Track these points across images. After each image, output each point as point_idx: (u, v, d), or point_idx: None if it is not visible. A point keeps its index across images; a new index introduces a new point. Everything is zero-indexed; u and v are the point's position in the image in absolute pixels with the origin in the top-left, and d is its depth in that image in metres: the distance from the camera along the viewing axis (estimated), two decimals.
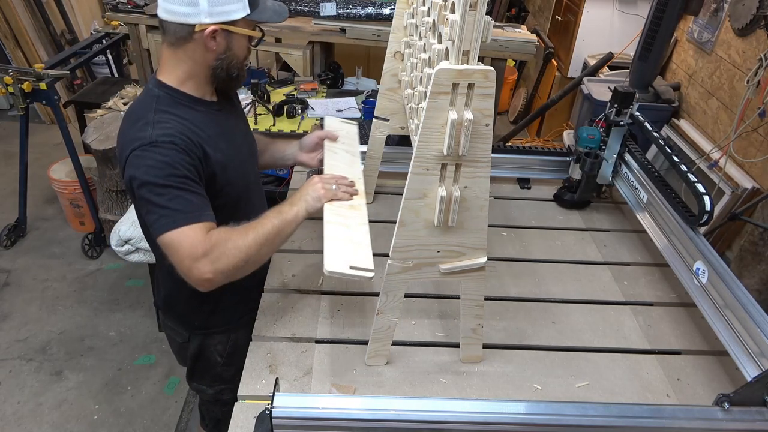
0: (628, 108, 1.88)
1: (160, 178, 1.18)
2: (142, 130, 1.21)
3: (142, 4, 3.40)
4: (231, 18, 1.23)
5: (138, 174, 1.19)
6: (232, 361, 1.60)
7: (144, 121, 1.23)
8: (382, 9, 3.26)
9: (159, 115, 1.24)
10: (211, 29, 1.22)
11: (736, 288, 1.32)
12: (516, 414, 1.08)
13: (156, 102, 1.27)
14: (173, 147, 1.20)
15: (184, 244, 1.18)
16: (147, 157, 1.19)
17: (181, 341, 1.60)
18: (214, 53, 1.27)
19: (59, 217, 3.68)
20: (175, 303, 1.55)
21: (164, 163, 1.19)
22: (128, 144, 1.22)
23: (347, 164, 1.56)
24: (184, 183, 1.20)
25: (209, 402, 1.77)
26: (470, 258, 1.21)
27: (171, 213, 1.18)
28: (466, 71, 0.97)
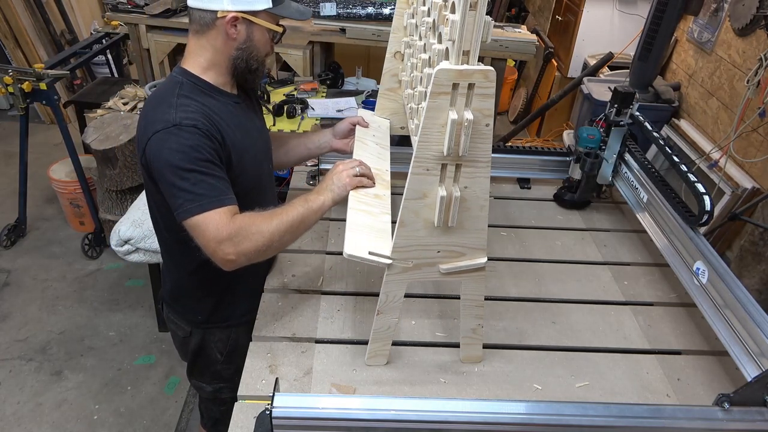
0: (628, 108, 1.88)
1: (184, 161, 1.20)
2: (165, 112, 1.24)
3: (142, 4, 3.40)
4: (253, 8, 1.26)
5: (162, 156, 1.21)
6: (231, 359, 1.61)
7: (167, 104, 1.26)
8: (382, 9, 3.26)
9: (181, 100, 1.27)
10: (231, 16, 1.25)
11: (736, 288, 1.32)
12: (516, 414, 1.08)
13: (179, 87, 1.29)
14: (196, 131, 1.22)
15: (210, 227, 1.21)
16: (170, 140, 1.21)
17: (183, 336, 1.61)
18: (235, 42, 1.29)
19: (59, 217, 3.69)
20: (180, 295, 1.57)
21: (188, 147, 1.21)
22: (150, 125, 1.24)
23: (377, 156, 1.57)
24: (207, 167, 1.23)
25: (208, 400, 1.78)
26: (470, 258, 1.21)
27: (196, 197, 1.21)
28: (467, 71, 0.97)
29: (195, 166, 1.21)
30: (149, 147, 1.23)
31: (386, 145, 1.65)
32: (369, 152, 1.57)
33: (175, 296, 1.59)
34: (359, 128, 1.67)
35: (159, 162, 1.22)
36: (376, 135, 1.67)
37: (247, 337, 1.45)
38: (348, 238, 1.23)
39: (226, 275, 1.33)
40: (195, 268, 1.45)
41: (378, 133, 1.69)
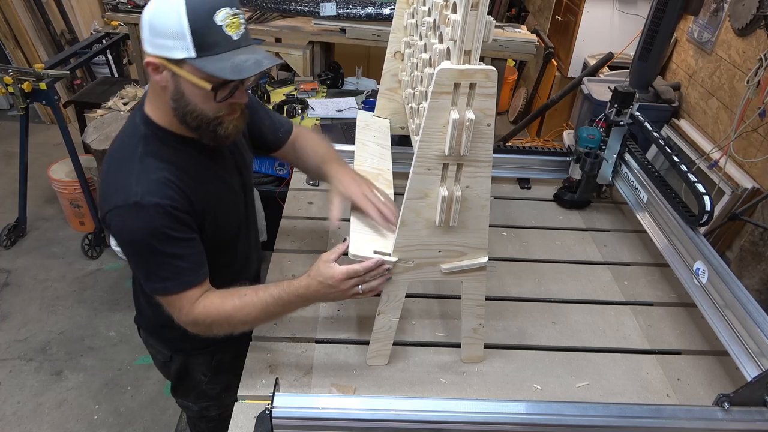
0: (628, 108, 1.88)
1: (146, 245, 1.11)
2: (127, 181, 1.10)
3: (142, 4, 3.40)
4: (170, 55, 1.03)
5: (122, 235, 1.13)
6: (216, 380, 1.56)
7: (128, 169, 1.12)
8: (382, 9, 3.25)
9: (145, 164, 1.12)
10: (151, 60, 1.05)
11: (736, 288, 1.32)
12: (516, 414, 1.08)
13: (143, 143, 1.15)
14: (158, 210, 1.10)
15: (174, 309, 1.18)
16: (130, 220, 1.10)
17: (163, 360, 1.56)
18: (167, 91, 1.09)
19: (59, 217, 3.68)
20: (156, 325, 1.48)
21: (150, 229, 1.10)
22: (111, 195, 1.12)
23: (378, 156, 1.57)
24: (171, 246, 1.13)
25: (195, 418, 1.75)
26: (471, 258, 1.21)
27: (160, 280, 1.15)
28: (468, 71, 0.97)
29: (157, 247, 1.11)
30: (109, 219, 1.13)
31: (387, 145, 1.65)
32: (370, 152, 1.57)
33: (150, 325, 1.51)
34: (360, 129, 1.67)
35: (119, 238, 1.14)
36: (376, 135, 1.67)
37: (231, 359, 1.39)
38: (352, 239, 1.23)
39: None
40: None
41: (378, 133, 1.69)
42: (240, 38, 1.06)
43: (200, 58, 1.02)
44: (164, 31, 1.01)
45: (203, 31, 1.01)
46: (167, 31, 1.01)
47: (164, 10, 1.01)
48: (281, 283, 1.21)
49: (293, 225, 1.85)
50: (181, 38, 1.01)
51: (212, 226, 1.25)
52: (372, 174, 1.46)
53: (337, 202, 1.33)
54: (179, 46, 1.02)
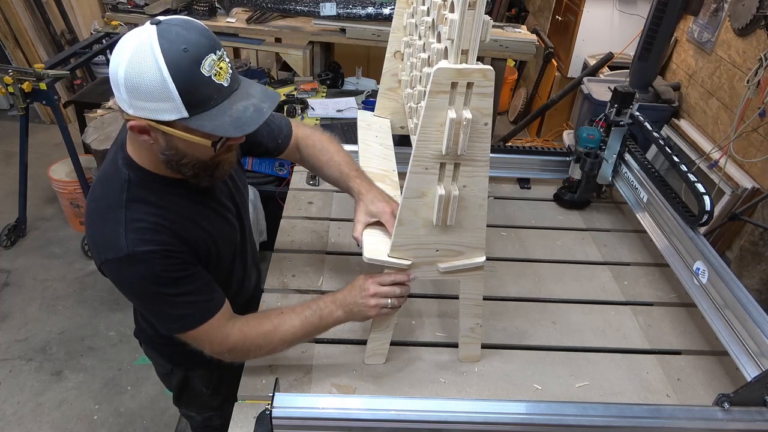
0: (628, 108, 1.88)
1: (149, 291, 1.08)
2: (114, 233, 1.04)
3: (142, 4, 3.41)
4: (159, 118, 0.94)
5: (124, 286, 1.10)
6: (218, 391, 1.55)
7: (114, 218, 1.05)
8: (382, 9, 3.25)
9: (131, 211, 1.06)
10: (134, 123, 0.97)
11: (736, 288, 1.32)
12: (516, 414, 1.08)
13: (127, 188, 1.07)
14: (153, 257, 1.05)
15: (202, 343, 1.16)
16: (127, 272, 1.06)
17: (164, 372, 1.56)
18: (156, 146, 1.02)
19: (59, 217, 3.68)
20: (156, 341, 1.47)
21: (150, 277, 1.06)
22: (100, 247, 1.07)
23: (382, 157, 1.57)
24: (176, 287, 1.09)
25: (199, 428, 1.75)
26: (469, 257, 1.21)
27: (174, 319, 1.12)
28: (465, 70, 0.97)
29: (162, 291, 1.07)
30: (104, 270, 1.09)
31: (390, 145, 1.66)
32: (373, 153, 1.57)
33: (150, 340, 1.48)
34: (362, 129, 1.67)
35: (120, 288, 1.10)
36: (378, 135, 1.67)
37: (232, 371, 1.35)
38: (366, 243, 1.24)
39: None
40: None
41: (380, 133, 1.69)
42: (231, 82, 0.98)
43: (194, 117, 0.94)
44: (147, 94, 0.91)
45: (192, 89, 0.92)
46: (151, 93, 0.91)
47: (142, 70, 0.90)
48: (318, 297, 1.23)
49: (293, 225, 1.85)
50: (168, 100, 0.91)
51: (207, 260, 1.21)
52: (378, 175, 1.46)
53: (364, 220, 1.29)
54: (168, 108, 0.92)
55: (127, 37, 0.94)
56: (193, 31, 0.94)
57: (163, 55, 0.90)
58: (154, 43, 0.90)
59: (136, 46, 0.91)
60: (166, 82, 0.90)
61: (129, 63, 0.91)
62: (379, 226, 1.29)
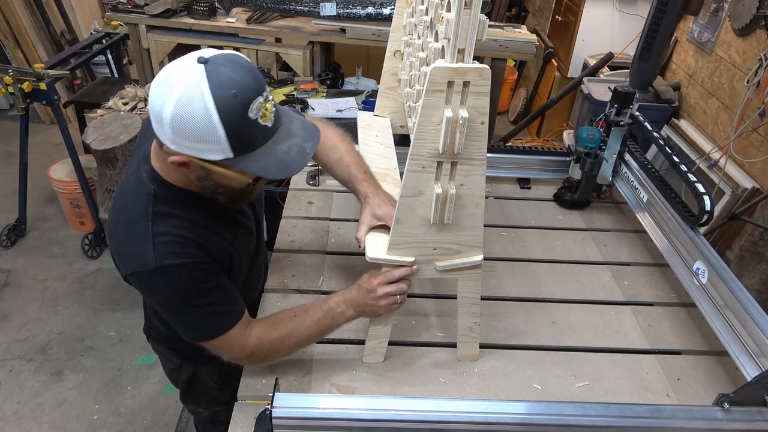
0: (628, 108, 1.88)
1: (178, 303, 1.12)
2: (142, 246, 1.06)
3: (142, 4, 3.40)
4: (204, 156, 0.96)
5: (151, 296, 1.14)
6: (227, 386, 1.55)
7: (141, 231, 1.07)
8: (382, 9, 3.25)
9: (158, 224, 1.08)
10: (177, 159, 0.99)
11: (736, 288, 1.32)
12: (516, 414, 1.08)
13: (153, 202, 1.09)
14: (182, 269, 1.07)
15: (224, 351, 1.19)
16: (157, 284, 1.08)
17: (172, 367, 1.57)
18: (194, 175, 1.05)
19: (59, 217, 3.68)
20: (166, 337, 1.47)
21: (179, 289, 1.09)
22: (128, 261, 1.09)
23: (383, 156, 1.58)
24: (204, 298, 1.12)
25: (206, 423, 1.74)
26: (466, 256, 1.21)
27: (201, 328, 1.16)
28: (461, 69, 0.97)
29: (189, 302, 1.11)
30: (132, 281, 1.11)
31: (390, 144, 1.66)
32: (374, 153, 1.57)
33: (160, 336, 1.49)
34: (362, 130, 1.67)
35: (149, 298, 1.14)
36: (379, 135, 1.67)
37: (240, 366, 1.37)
38: (368, 242, 1.24)
39: None
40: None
41: (381, 133, 1.69)
42: (274, 122, 0.99)
43: (239, 158, 0.97)
44: (194, 136, 0.93)
45: (239, 132, 0.94)
46: (199, 135, 0.93)
47: (191, 113, 0.91)
48: (328, 297, 1.26)
49: (293, 225, 1.85)
50: (215, 143, 0.94)
51: (229, 268, 1.24)
52: (379, 174, 1.47)
53: (369, 222, 1.30)
54: (214, 149, 0.95)
55: (171, 74, 0.94)
56: (241, 72, 0.95)
57: (214, 100, 0.91)
58: (204, 87, 0.91)
59: (184, 89, 0.91)
60: (215, 127, 0.92)
61: (177, 104, 0.92)
62: (384, 229, 1.29)
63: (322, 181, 2.07)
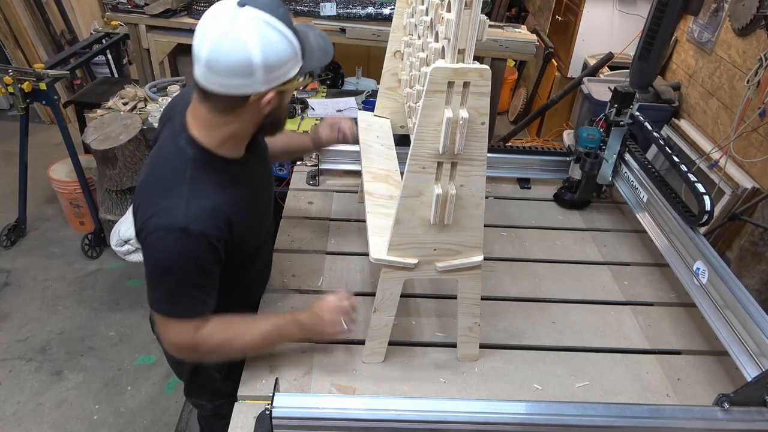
0: (628, 108, 1.88)
1: (175, 270, 1.13)
2: (175, 204, 1.11)
3: (142, 4, 3.40)
4: (287, 78, 1.11)
5: (155, 253, 1.13)
6: (230, 376, 1.53)
7: (177, 192, 1.12)
8: (382, 9, 3.25)
9: (194, 187, 1.13)
10: (268, 97, 1.10)
11: (736, 288, 1.32)
12: (516, 414, 1.08)
13: (191, 167, 1.15)
14: (203, 239, 1.11)
15: (171, 333, 1.19)
16: (173, 245, 1.10)
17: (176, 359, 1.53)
18: (267, 112, 1.16)
19: (59, 217, 3.68)
20: None
21: (187, 257, 1.12)
22: (154, 216, 1.12)
23: (384, 157, 1.58)
24: (197, 278, 1.15)
25: (209, 416, 1.74)
26: (466, 256, 1.21)
27: (171, 304, 1.17)
28: (462, 70, 0.97)
29: (187, 276, 1.14)
30: (148, 238, 1.13)
31: (391, 144, 1.66)
32: (375, 153, 1.57)
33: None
34: (363, 130, 1.67)
35: (153, 257, 1.14)
36: (379, 136, 1.67)
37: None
38: (372, 243, 1.24)
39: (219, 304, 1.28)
40: None
41: (381, 133, 1.69)
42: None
43: (304, 62, 1.12)
44: (284, 61, 1.06)
45: (301, 38, 1.10)
46: (287, 58, 1.07)
47: (276, 46, 1.04)
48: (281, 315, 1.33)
49: (293, 225, 1.85)
50: (294, 57, 1.09)
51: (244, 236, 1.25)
52: (380, 175, 1.47)
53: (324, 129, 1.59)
54: (294, 64, 1.09)
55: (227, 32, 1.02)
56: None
57: (282, 22, 1.04)
58: (266, 17, 1.03)
59: (254, 32, 1.02)
60: (292, 44, 1.07)
61: (261, 46, 1.02)
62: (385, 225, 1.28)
63: (322, 181, 2.08)
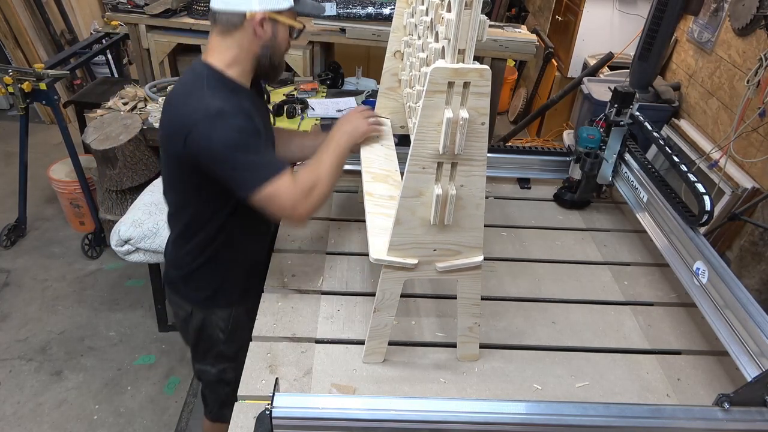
0: (628, 108, 1.88)
1: (241, 141, 1.27)
2: (201, 101, 1.28)
3: (142, 4, 3.40)
4: (279, 7, 1.34)
5: (214, 140, 1.26)
6: (233, 338, 1.64)
7: (198, 95, 1.30)
8: (382, 9, 3.25)
9: (212, 90, 1.31)
10: (260, 16, 1.31)
11: (736, 288, 1.32)
12: (516, 414, 1.08)
13: (205, 80, 1.33)
14: (241, 112, 1.30)
15: (283, 193, 1.30)
16: (219, 125, 1.26)
17: (184, 316, 1.65)
18: (261, 40, 1.35)
19: (59, 217, 3.68)
20: (184, 275, 1.59)
21: (239, 128, 1.28)
22: (188, 116, 1.28)
23: (384, 157, 1.57)
24: (260, 143, 1.31)
25: (213, 383, 1.79)
26: (466, 256, 1.21)
27: (261, 169, 1.29)
28: (462, 70, 0.97)
29: (251, 143, 1.29)
30: (194, 135, 1.27)
31: (391, 145, 1.66)
32: (376, 154, 1.57)
33: (179, 276, 1.61)
34: None
35: (212, 146, 1.26)
36: (380, 136, 1.67)
37: (247, 317, 1.54)
38: (371, 243, 1.24)
39: (229, 252, 1.50)
40: (204, 246, 1.51)
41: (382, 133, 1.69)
42: None
43: (295, 5, 1.38)
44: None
45: None
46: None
47: None
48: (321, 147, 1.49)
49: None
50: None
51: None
52: (380, 175, 1.47)
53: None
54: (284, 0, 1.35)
55: None
56: None
57: None
58: None
59: None
60: None
61: None
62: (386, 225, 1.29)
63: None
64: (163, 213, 2.47)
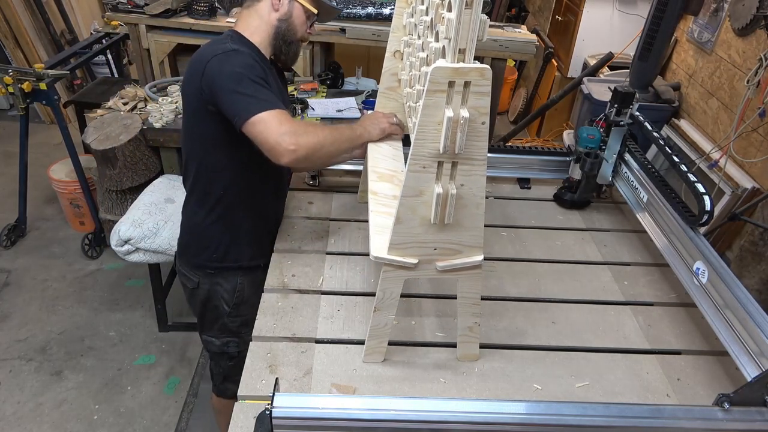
0: (628, 108, 1.88)
1: (246, 73, 1.39)
2: (221, 44, 1.46)
3: (142, 4, 3.40)
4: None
5: (224, 70, 1.39)
6: (238, 312, 1.75)
7: (221, 45, 1.46)
8: (382, 9, 3.26)
9: (233, 42, 1.48)
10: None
11: (736, 288, 1.32)
12: (516, 414, 1.08)
13: (230, 39, 1.51)
14: (252, 53, 1.48)
15: (272, 121, 1.36)
16: (230, 59, 1.41)
17: (192, 287, 1.75)
18: (277, 13, 1.54)
19: (59, 217, 3.69)
20: (194, 238, 1.70)
21: (248, 64, 1.41)
22: (207, 55, 1.43)
23: (391, 157, 1.57)
24: (263, 82, 1.41)
25: (217, 355, 1.86)
26: (467, 256, 1.21)
27: (259, 100, 1.37)
28: (462, 69, 0.97)
29: (254, 77, 1.39)
30: (209, 68, 1.40)
31: (399, 146, 1.65)
32: (383, 154, 1.57)
33: (188, 241, 1.72)
34: None
35: (221, 76, 1.39)
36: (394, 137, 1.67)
37: (252, 290, 1.67)
38: (373, 241, 1.24)
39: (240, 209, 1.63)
40: (213, 205, 1.63)
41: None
42: None
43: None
44: None
45: None
46: None
47: None
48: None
49: (293, 225, 1.85)
50: None
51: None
52: (386, 175, 1.47)
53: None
54: None
55: None
56: None
57: None
58: None
59: None
60: None
61: None
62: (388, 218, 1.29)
63: (322, 181, 2.08)
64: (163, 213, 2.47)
